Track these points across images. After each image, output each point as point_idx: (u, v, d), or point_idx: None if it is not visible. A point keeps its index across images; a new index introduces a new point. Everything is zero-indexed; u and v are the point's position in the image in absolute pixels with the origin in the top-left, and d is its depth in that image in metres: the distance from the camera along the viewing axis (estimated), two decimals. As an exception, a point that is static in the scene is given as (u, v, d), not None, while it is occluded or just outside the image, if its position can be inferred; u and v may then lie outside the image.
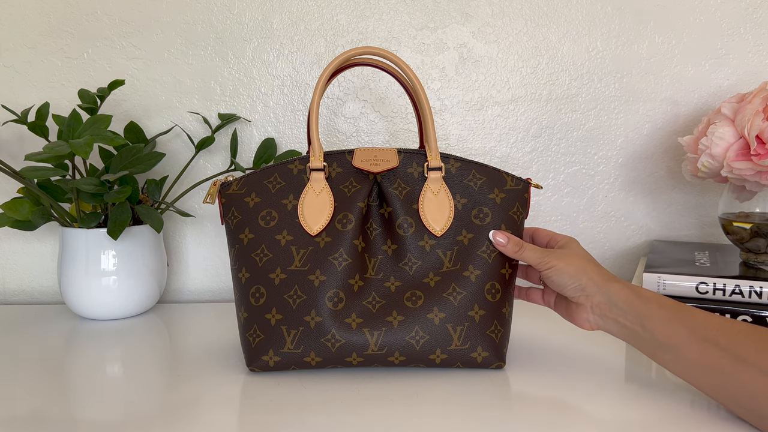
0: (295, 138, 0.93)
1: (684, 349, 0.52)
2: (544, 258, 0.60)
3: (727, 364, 0.49)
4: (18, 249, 0.94)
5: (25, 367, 0.65)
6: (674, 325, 0.53)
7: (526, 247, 0.61)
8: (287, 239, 0.61)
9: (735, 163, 0.71)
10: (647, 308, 0.55)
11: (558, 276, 0.59)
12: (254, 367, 0.60)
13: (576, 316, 0.60)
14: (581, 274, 0.58)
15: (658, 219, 0.95)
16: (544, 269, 0.60)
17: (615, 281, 0.58)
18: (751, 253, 0.77)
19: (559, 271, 0.59)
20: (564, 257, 0.60)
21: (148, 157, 0.78)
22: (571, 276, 0.58)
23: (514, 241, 0.61)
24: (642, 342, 0.55)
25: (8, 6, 0.89)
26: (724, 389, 0.50)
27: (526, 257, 0.61)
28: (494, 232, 0.62)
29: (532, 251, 0.61)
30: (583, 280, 0.58)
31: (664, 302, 0.55)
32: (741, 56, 0.91)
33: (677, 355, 0.53)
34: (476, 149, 0.94)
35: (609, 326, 0.58)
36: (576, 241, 0.64)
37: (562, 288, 0.59)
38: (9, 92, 0.91)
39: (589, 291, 0.58)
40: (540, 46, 0.91)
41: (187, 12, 0.90)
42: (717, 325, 0.51)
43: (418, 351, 0.58)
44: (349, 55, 0.63)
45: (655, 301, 0.55)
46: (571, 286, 0.58)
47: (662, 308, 0.54)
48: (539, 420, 0.52)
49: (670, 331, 0.53)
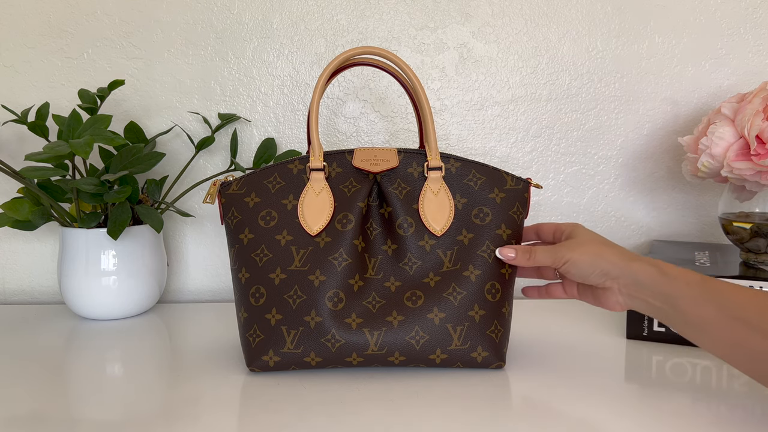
0: (295, 138, 0.93)
1: (714, 328, 0.51)
2: (557, 255, 0.59)
3: (758, 342, 0.48)
4: (18, 249, 0.94)
5: (25, 367, 0.65)
6: (703, 304, 0.52)
7: (536, 251, 0.60)
8: (287, 239, 0.61)
9: (735, 163, 0.71)
10: (674, 287, 0.53)
11: (576, 268, 0.58)
12: (254, 367, 0.60)
13: (604, 300, 0.59)
14: (599, 260, 0.57)
15: (658, 219, 0.95)
16: (561, 265, 0.58)
17: (637, 260, 0.56)
18: (751, 253, 0.77)
19: (576, 263, 0.57)
20: (576, 247, 0.58)
21: (148, 157, 0.78)
22: (589, 264, 0.57)
23: (522, 250, 0.60)
24: (672, 320, 0.54)
25: (8, 6, 0.89)
26: (757, 367, 0.49)
27: (539, 260, 0.60)
28: (500, 249, 0.61)
29: (543, 253, 0.59)
30: (604, 265, 0.56)
31: (691, 279, 0.54)
32: (741, 56, 0.91)
33: (707, 334, 0.52)
34: (476, 149, 0.94)
35: (638, 305, 0.56)
36: (581, 226, 0.62)
37: (585, 278, 0.58)
38: (9, 92, 0.91)
39: (612, 274, 0.56)
40: (540, 46, 0.91)
41: (187, 12, 0.90)
42: (747, 301, 0.50)
43: (418, 351, 0.58)
44: (348, 55, 0.63)
45: (682, 278, 0.54)
46: (593, 275, 0.57)
47: (689, 286, 0.53)
48: (539, 420, 0.52)
49: (700, 311, 0.52)
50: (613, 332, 0.74)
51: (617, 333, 0.74)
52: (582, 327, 0.76)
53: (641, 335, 0.71)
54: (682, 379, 0.61)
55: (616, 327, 0.76)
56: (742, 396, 0.57)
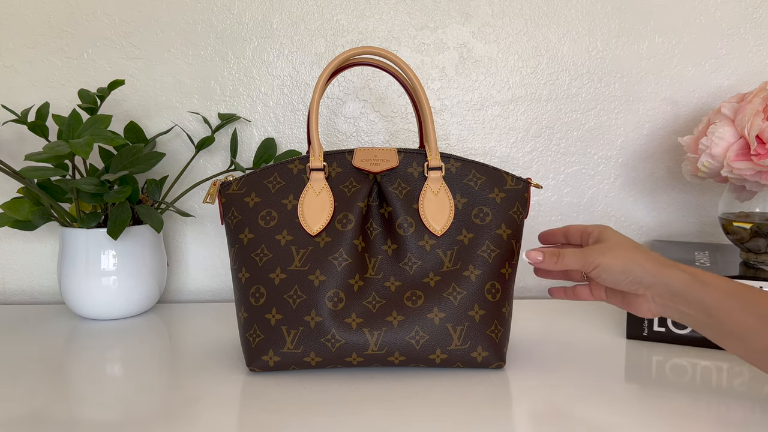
0: (295, 138, 0.93)
1: (754, 339, 0.50)
2: (587, 259, 0.56)
3: None
4: (18, 249, 0.94)
5: (25, 367, 0.65)
6: (742, 314, 0.50)
7: (564, 253, 0.58)
8: (287, 239, 0.61)
9: (735, 163, 0.71)
10: (712, 296, 0.52)
11: (608, 273, 0.55)
12: (254, 367, 0.60)
13: (636, 306, 0.57)
14: (632, 266, 0.54)
15: (658, 219, 0.95)
16: (591, 270, 0.56)
17: (671, 267, 0.54)
18: (751, 253, 0.77)
19: (607, 268, 0.55)
20: (607, 252, 0.56)
21: (148, 157, 0.78)
22: (622, 271, 0.55)
23: (549, 253, 0.58)
24: (708, 330, 0.53)
25: (8, 6, 0.89)
26: None
27: (567, 264, 0.57)
28: (527, 252, 0.59)
29: (572, 256, 0.57)
30: (637, 272, 0.54)
31: (730, 288, 0.52)
32: (741, 56, 0.91)
33: (746, 345, 0.51)
34: (476, 149, 0.94)
35: (671, 314, 0.55)
36: (610, 228, 0.60)
37: (616, 284, 0.56)
38: (9, 92, 0.91)
39: (646, 282, 0.54)
40: (540, 46, 0.91)
41: (187, 12, 0.90)
42: None
43: (418, 351, 0.58)
44: (348, 55, 0.63)
45: (718, 286, 0.52)
46: (625, 281, 0.55)
47: (728, 295, 0.51)
48: (539, 420, 0.52)
49: (739, 321, 0.50)
50: (613, 332, 0.74)
51: (617, 333, 0.74)
52: (582, 327, 0.76)
53: (641, 335, 0.71)
54: (682, 379, 0.61)
55: (616, 327, 0.76)
56: (742, 396, 0.57)
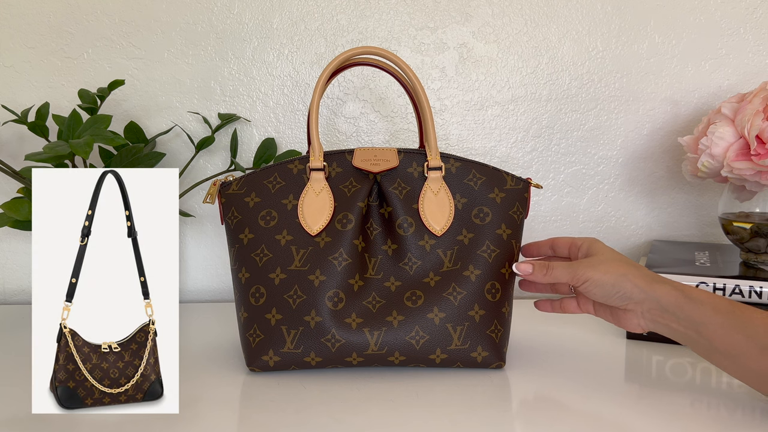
0: (295, 138, 0.93)
1: (743, 358, 0.50)
2: (577, 272, 0.56)
3: None
4: (18, 249, 0.94)
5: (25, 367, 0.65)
6: (732, 332, 0.50)
7: (554, 266, 0.57)
8: (287, 239, 0.61)
9: (735, 163, 0.71)
10: (701, 313, 0.51)
11: (598, 288, 0.55)
12: (254, 367, 0.60)
13: (625, 321, 0.56)
14: (622, 281, 0.54)
15: (658, 219, 0.95)
16: (581, 284, 0.56)
17: (660, 282, 0.54)
18: (751, 253, 0.77)
19: (597, 282, 0.55)
20: (597, 266, 0.55)
21: (148, 157, 0.78)
22: (612, 285, 0.54)
23: (539, 265, 0.58)
24: (697, 346, 0.53)
25: (8, 6, 0.89)
26: None
27: (557, 276, 0.57)
28: (517, 264, 0.59)
29: (562, 269, 0.57)
30: (627, 288, 0.54)
31: (718, 305, 0.51)
32: (741, 56, 0.91)
33: (736, 363, 0.51)
34: (476, 149, 0.94)
35: (661, 329, 0.55)
36: (599, 242, 0.59)
37: (606, 299, 0.55)
38: (9, 92, 0.91)
39: (636, 298, 0.54)
40: (540, 46, 0.91)
41: (187, 12, 0.90)
42: None
43: (418, 351, 0.58)
44: (349, 55, 0.63)
45: (708, 303, 0.52)
46: (615, 296, 0.55)
47: (717, 313, 0.51)
48: (539, 420, 0.52)
49: (728, 339, 0.50)
50: (613, 332, 0.74)
51: (617, 333, 0.74)
52: (582, 327, 0.76)
53: (641, 335, 0.71)
54: (682, 379, 0.61)
55: (616, 327, 0.76)
56: (742, 396, 0.57)
